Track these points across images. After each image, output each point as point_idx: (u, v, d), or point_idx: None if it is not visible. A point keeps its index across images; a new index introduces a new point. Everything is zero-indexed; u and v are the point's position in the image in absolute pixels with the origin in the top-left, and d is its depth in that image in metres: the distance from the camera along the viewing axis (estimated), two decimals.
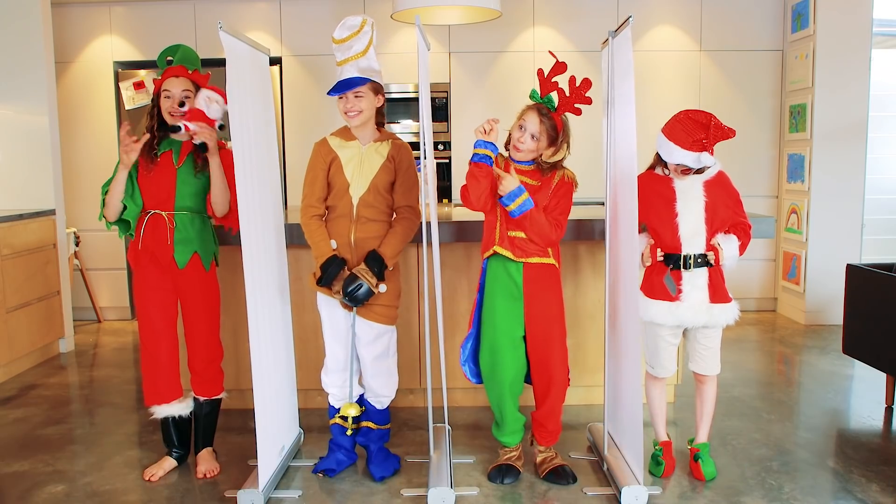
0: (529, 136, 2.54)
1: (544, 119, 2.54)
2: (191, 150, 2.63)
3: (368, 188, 2.55)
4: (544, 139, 2.55)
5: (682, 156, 2.49)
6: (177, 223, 2.61)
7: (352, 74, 2.50)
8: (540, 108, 2.56)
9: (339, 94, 2.52)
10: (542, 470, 2.70)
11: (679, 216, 2.56)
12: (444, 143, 5.45)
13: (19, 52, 4.49)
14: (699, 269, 2.57)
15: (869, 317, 3.33)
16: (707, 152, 2.49)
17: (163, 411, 2.71)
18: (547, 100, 2.58)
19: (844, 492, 2.57)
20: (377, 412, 2.73)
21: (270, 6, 5.41)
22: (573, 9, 5.38)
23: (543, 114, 2.55)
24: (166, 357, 2.66)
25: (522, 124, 2.57)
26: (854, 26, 4.94)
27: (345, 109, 2.53)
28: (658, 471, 2.68)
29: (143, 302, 2.66)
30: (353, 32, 2.50)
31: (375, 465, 2.70)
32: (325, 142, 2.62)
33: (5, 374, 4.07)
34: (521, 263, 2.58)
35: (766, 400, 3.55)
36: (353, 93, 2.51)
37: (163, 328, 2.65)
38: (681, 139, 2.48)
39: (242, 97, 2.47)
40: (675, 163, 2.53)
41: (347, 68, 2.50)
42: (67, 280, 4.70)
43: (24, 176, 4.56)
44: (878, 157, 5.53)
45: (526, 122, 2.56)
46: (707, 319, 2.58)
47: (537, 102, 2.59)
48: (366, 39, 2.51)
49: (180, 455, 2.81)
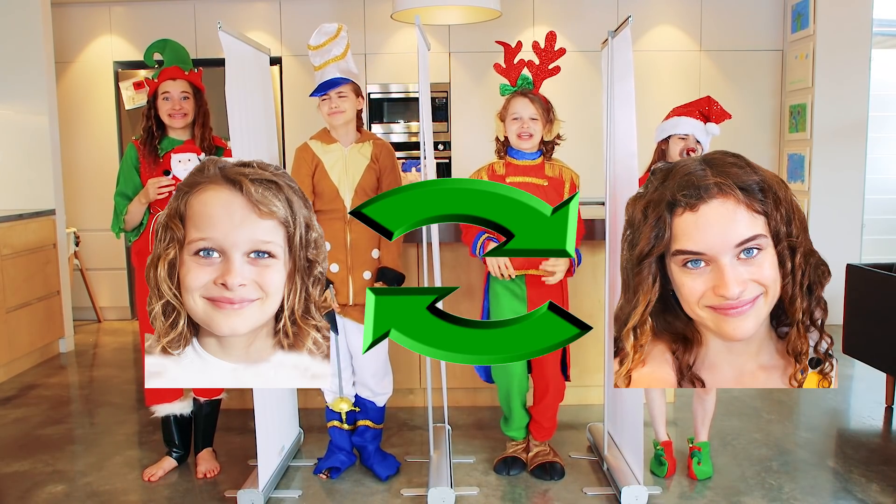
0: (531, 120, 2.52)
1: (533, 99, 2.52)
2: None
3: (356, 191, 2.56)
4: (542, 118, 2.53)
5: (691, 125, 2.47)
6: None
7: (334, 75, 2.52)
8: (521, 92, 2.54)
9: (323, 95, 2.52)
10: (531, 464, 2.71)
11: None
12: (444, 143, 5.44)
13: (19, 52, 4.49)
14: None
15: (869, 317, 3.33)
16: (713, 122, 2.48)
17: (163, 410, 2.72)
18: (522, 80, 2.56)
19: (844, 492, 2.57)
20: (376, 410, 2.73)
21: (270, 6, 5.41)
22: (573, 9, 5.38)
23: (527, 95, 2.53)
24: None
25: (516, 115, 2.53)
26: (854, 26, 4.94)
27: (328, 110, 2.53)
28: (661, 471, 2.68)
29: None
30: (330, 37, 2.53)
31: (377, 464, 2.71)
32: (307, 147, 2.61)
33: (5, 374, 4.07)
34: (523, 275, 2.58)
35: (766, 400, 3.55)
36: (335, 93, 2.52)
37: None
38: (685, 111, 2.50)
39: (242, 97, 2.47)
40: (683, 132, 2.48)
41: (329, 69, 2.53)
42: (67, 280, 4.70)
43: (24, 176, 4.56)
44: (878, 157, 5.53)
45: (518, 109, 2.52)
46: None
47: (516, 91, 2.56)
48: (343, 44, 2.55)
49: (180, 455, 2.81)
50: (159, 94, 2.63)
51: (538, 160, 2.58)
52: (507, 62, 2.58)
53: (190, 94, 2.63)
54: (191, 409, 2.77)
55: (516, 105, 2.54)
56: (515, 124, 2.54)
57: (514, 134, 2.55)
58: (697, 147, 2.50)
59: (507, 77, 2.58)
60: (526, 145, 2.55)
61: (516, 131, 2.54)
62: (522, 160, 2.58)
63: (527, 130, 2.52)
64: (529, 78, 2.56)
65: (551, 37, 2.55)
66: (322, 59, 2.53)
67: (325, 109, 2.54)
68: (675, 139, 2.52)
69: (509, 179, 2.55)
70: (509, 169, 2.59)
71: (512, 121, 2.55)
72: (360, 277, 2.57)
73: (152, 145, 2.63)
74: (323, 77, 2.53)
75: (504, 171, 2.58)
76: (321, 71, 2.54)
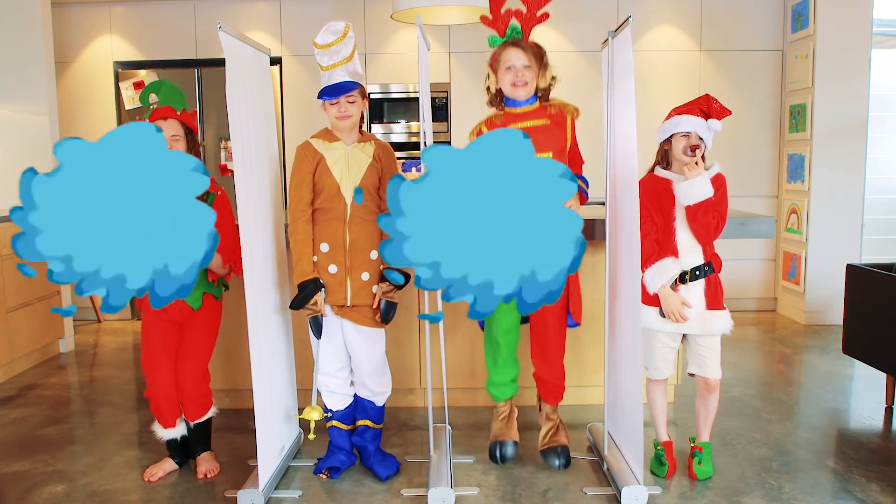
0: (525, 68, 2.49)
1: (525, 47, 2.50)
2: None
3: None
4: (535, 65, 2.51)
5: (693, 122, 2.47)
6: None
7: (344, 79, 2.50)
8: (511, 42, 2.52)
9: (332, 99, 2.51)
10: (541, 444, 2.70)
11: (677, 220, 2.55)
12: (444, 144, 5.45)
13: (19, 52, 4.49)
14: (696, 282, 2.56)
15: (869, 317, 3.33)
16: (714, 118, 2.47)
17: (167, 434, 2.72)
18: (511, 30, 2.53)
19: (844, 492, 2.57)
20: (375, 410, 2.73)
21: (270, 6, 5.41)
22: (573, 9, 5.38)
23: (518, 44, 2.50)
24: (164, 387, 2.65)
25: (509, 65, 2.51)
26: (854, 26, 4.94)
27: (337, 114, 2.52)
28: (661, 471, 2.68)
29: (148, 336, 2.65)
30: (339, 37, 2.50)
31: (378, 464, 2.70)
32: (309, 144, 2.59)
33: (5, 374, 4.07)
34: None
35: (766, 400, 3.55)
36: (346, 98, 2.50)
37: (164, 363, 2.65)
38: (686, 110, 2.50)
39: (242, 97, 2.47)
40: (684, 130, 2.48)
41: (338, 72, 2.50)
42: None
43: None
44: (878, 157, 5.53)
45: (511, 59, 2.50)
46: (700, 326, 2.57)
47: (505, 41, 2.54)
48: (350, 44, 2.53)
49: (182, 461, 2.81)
50: None
51: (535, 104, 2.57)
52: (494, 13, 2.53)
53: (180, 136, 2.59)
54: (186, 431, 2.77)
55: (508, 55, 2.51)
56: (509, 74, 2.52)
57: (509, 84, 2.53)
58: (701, 144, 2.50)
59: (496, 28, 2.55)
60: (521, 93, 2.53)
61: (510, 81, 2.52)
62: (520, 107, 2.56)
63: (521, 79, 2.50)
64: (519, 28, 2.53)
65: None
66: (330, 60, 2.50)
67: (334, 113, 2.52)
68: (678, 137, 2.51)
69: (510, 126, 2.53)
70: (508, 118, 2.57)
71: (505, 70, 2.52)
72: (359, 279, 2.56)
73: None
74: (332, 80, 2.50)
75: (502, 122, 2.57)
76: (329, 73, 2.51)
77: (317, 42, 2.52)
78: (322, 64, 2.52)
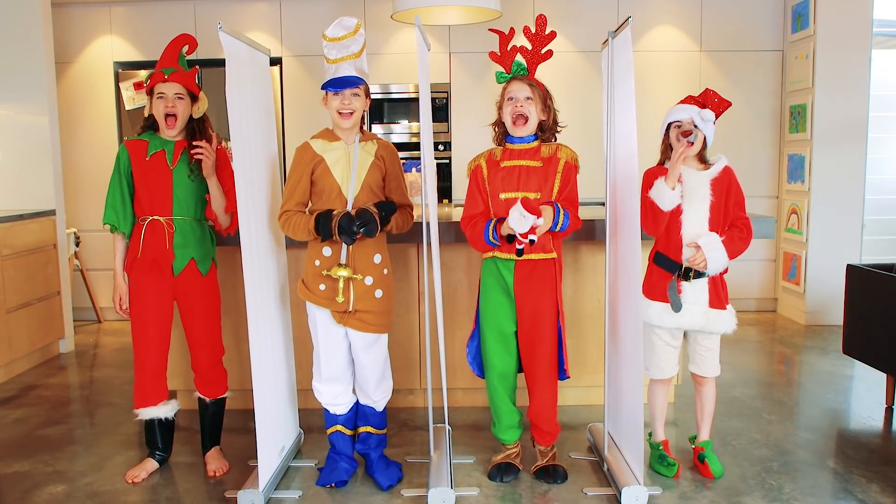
0: (526, 100, 2.52)
1: (528, 81, 2.54)
2: (184, 149, 2.64)
3: (362, 187, 2.52)
4: (539, 101, 2.54)
5: (686, 111, 2.51)
6: (176, 228, 2.62)
7: (350, 72, 2.47)
8: (516, 77, 2.56)
9: (336, 91, 2.49)
10: (534, 467, 2.70)
11: (683, 214, 2.55)
12: (445, 144, 5.44)
13: (19, 52, 4.49)
14: (700, 279, 2.56)
15: (869, 317, 3.33)
16: (709, 110, 2.51)
17: (148, 413, 2.72)
18: (517, 67, 2.57)
19: (844, 492, 2.57)
20: (377, 415, 2.70)
21: (270, 6, 5.41)
22: (573, 9, 5.38)
23: (523, 80, 2.54)
24: (154, 361, 2.67)
25: (511, 96, 2.54)
26: (854, 26, 4.94)
27: (340, 107, 2.49)
28: (670, 471, 2.66)
29: (139, 307, 2.67)
30: (350, 32, 2.48)
31: (380, 473, 2.66)
32: (309, 146, 2.56)
33: (5, 374, 4.07)
34: (513, 262, 2.56)
35: (766, 400, 3.55)
36: (350, 91, 2.49)
37: (155, 334, 2.66)
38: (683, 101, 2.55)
39: (242, 97, 2.47)
40: (677, 118, 2.52)
41: (345, 66, 2.48)
42: (67, 280, 4.70)
43: (24, 176, 4.56)
44: (878, 158, 5.53)
45: (513, 90, 2.54)
46: (704, 323, 2.57)
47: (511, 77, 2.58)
48: (360, 41, 2.51)
49: (163, 458, 2.81)
50: (155, 94, 2.63)
51: (534, 143, 2.58)
52: (502, 49, 2.59)
53: (184, 94, 2.63)
54: (175, 412, 2.78)
55: (512, 87, 2.56)
56: (510, 105, 2.54)
57: (510, 116, 2.55)
58: (695, 131, 2.51)
59: (502, 64, 2.60)
60: (521, 131, 2.55)
61: (511, 112, 2.54)
62: (518, 144, 2.58)
63: (522, 111, 2.52)
64: (523, 63, 2.57)
65: (541, 20, 2.57)
66: (339, 53, 2.48)
67: (336, 105, 2.49)
68: (673, 127, 2.56)
69: (504, 164, 2.56)
70: (505, 154, 2.59)
71: (507, 102, 2.56)
72: (362, 283, 2.53)
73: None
74: (338, 72, 2.48)
75: (500, 157, 2.59)
76: (336, 66, 2.49)
77: (326, 35, 2.49)
78: (329, 57, 2.49)
